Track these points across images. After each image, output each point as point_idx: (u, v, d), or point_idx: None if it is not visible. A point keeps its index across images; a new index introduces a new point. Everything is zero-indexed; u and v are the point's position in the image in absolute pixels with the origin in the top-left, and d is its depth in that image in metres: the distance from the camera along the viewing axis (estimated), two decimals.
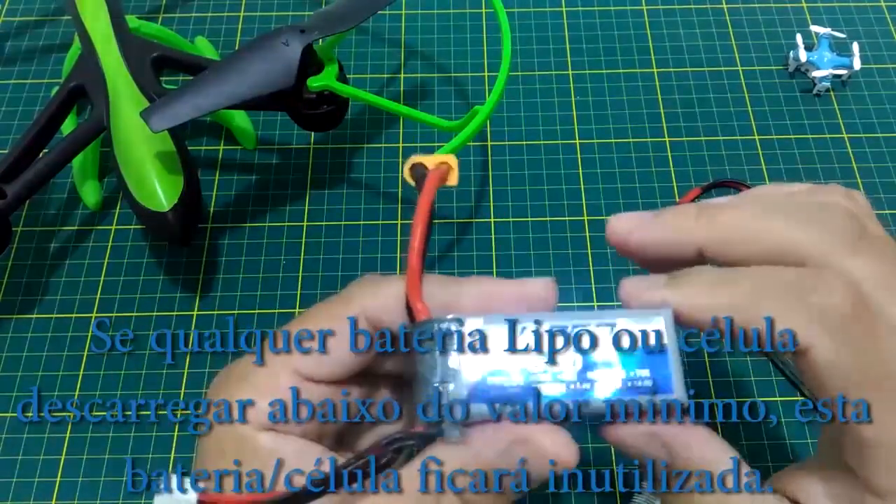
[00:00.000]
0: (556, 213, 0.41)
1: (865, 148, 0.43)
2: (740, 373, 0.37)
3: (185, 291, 0.39)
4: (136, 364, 0.37)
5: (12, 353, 0.38)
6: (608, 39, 0.47)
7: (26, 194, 0.36)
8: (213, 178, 0.43)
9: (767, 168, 0.43)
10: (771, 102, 0.45)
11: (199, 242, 0.40)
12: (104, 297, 0.39)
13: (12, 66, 0.46)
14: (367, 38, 0.47)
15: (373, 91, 0.42)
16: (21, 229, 0.41)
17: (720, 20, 0.48)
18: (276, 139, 0.44)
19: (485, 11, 0.48)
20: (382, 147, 0.44)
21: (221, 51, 0.47)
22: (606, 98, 0.45)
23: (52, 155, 0.36)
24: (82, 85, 0.38)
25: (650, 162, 0.43)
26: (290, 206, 0.42)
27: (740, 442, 0.35)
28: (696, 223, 0.22)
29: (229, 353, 0.37)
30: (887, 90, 0.45)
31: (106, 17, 0.39)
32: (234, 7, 0.49)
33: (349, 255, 0.40)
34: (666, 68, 0.46)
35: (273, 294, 0.39)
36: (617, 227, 0.23)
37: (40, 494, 0.34)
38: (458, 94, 0.45)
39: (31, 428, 0.36)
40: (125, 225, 0.41)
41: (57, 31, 0.48)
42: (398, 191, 0.42)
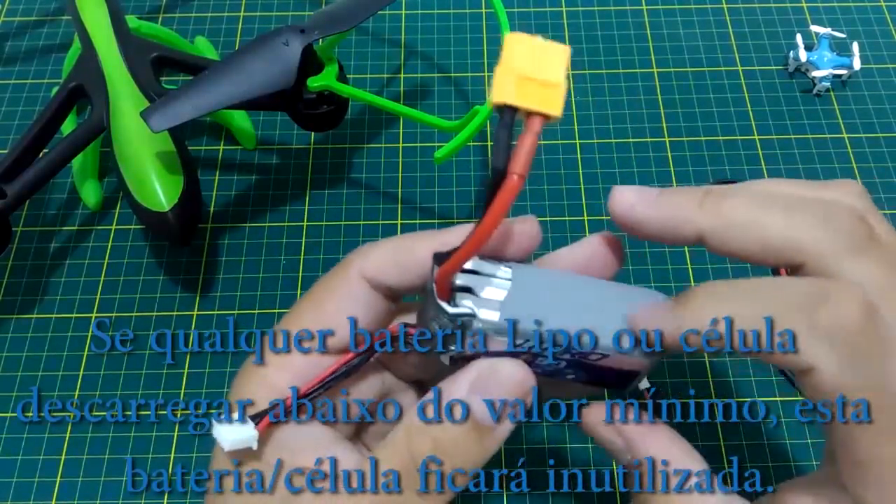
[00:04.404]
0: (556, 213, 0.41)
1: (865, 148, 0.43)
2: (740, 373, 0.37)
3: (185, 291, 0.39)
4: (136, 364, 0.37)
5: (12, 353, 0.38)
6: (608, 39, 0.47)
7: (26, 194, 0.36)
8: (213, 178, 0.43)
9: (767, 168, 0.43)
10: (771, 102, 0.45)
11: (199, 242, 0.40)
12: (104, 297, 0.39)
13: (12, 66, 0.46)
14: (367, 38, 0.47)
15: (373, 91, 0.42)
16: (21, 229, 0.41)
17: (720, 20, 0.48)
18: (276, 139, 0.44)
19: (485, 11, 0.48)
20: (382, 147, 0.44)
21: (221, 51, 0.47)
22: (606, 98, 0.45)
23: (52, 155, 0.36)
24: (82, 85, 0.38)
25: (650, 162, 0.43)
26: (290, 206, 0.42)
27: (740, 442, 0.35)
28: (700, 209, 0.21)
29: (229, 353, 0.37)
30: (887, 90, 0.45)
31: (106, 17, 0.39)
32: (234, 7, 0.49)
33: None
34: (666, 68, 0.46)
35: (273, 294, 0.39)
36: (620, 199, 0.22)
37: (40, 494, 0.34)
38: (458, 94, 0.45)
39: (31, 428, 0.36)
40: (125, 225, 0.41)
41: (57, 31, 0.48)
42: (398, 191, 0.42)
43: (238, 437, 0.20)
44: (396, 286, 0.22)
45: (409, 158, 0.43)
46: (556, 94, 0.17)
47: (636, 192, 0.22)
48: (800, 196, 0.21)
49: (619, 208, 0.22)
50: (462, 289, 0.20)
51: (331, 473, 0.20)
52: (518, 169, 0.17)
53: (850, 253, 0.20)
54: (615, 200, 0.22)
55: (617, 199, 0.22)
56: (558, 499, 0.34)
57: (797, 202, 0.21)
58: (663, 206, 0.22)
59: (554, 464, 0.34)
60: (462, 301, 0.20)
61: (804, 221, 0.20)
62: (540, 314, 0.20)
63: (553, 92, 0.17)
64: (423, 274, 0.21)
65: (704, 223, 0.21)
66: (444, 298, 0.19)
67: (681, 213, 0.21)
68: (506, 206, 0.17)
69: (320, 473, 0.20)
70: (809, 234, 0.20)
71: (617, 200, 0.22)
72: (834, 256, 0.20)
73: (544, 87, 0.17)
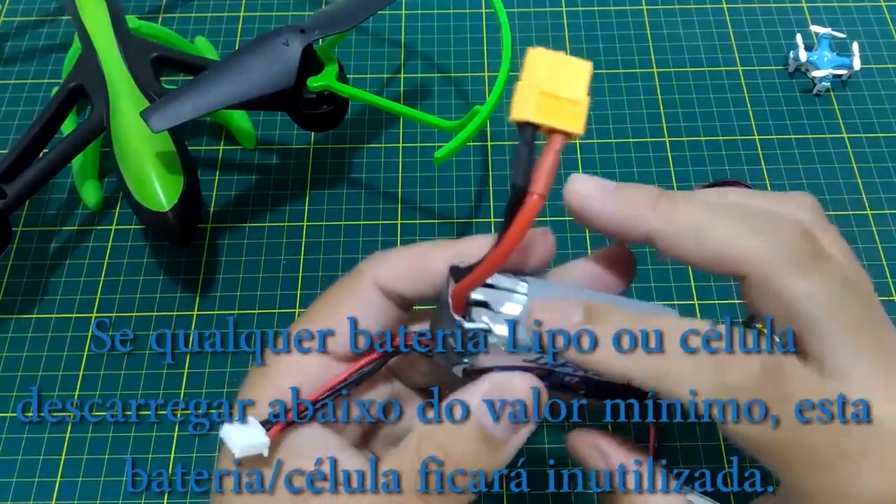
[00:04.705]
0: (557, 213, 0.41)
1: (865, 148, 0.43)
2: None
3: (185, 291, 0.39)
4: (136, 364, 0.37)
5: (12, 353, 0.38)
6: (608, 39, 0.47)
7: (26, 194, 0.36)
8: (213, 178, 0.43)
9: (767, 168, 0.43)
10: (771, 102, 0.45)
11: (199, 242, 0.40)
12: (104, 297, 0.39)
13: (12, 66, 0.46)
14: (367, 38, 0.47)
15: (373, 91, 0.42)
16: (21, 229, 0.41)
17: (720, 20, 0.48)
18: (276, 139, 0.44)
19: (485, 11, 0.48)
20: (382, 147, 0.44)
21: (221, 51, 0.46)
22: (607, 98, 0.45)
23: (52, 155, 0.36)
24: (82, 85, 0.38)
25: (650, 162, 0.43)
26: (290, 206, 0.42)
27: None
28: (653, 212, 0.21)
29: (229, 353, 0.37)
30: (887, 90, 0.45)
31: (106, 17, 0.39)
32: (234, 7, 0.49)
33: (349, 255, 0.40)
34: (666, 68, 0.46)
35: (273, 294, 0.39)
36: (576, 188, 0.22)
37: (40, 494, 0.34)
38: (458, 94, 0.45)
39: (31, 428, 0.36)
40: (125, 225, 0.41)
41: (57, 31, 0.48)
42: (398, 191, 0.42)
43: (249, 442, 0.20)
44: (410, 295, 0.22)
45: (409, 158, 0.43)
46: (578, 111, 0.17)
47: (593, 184, 0.22)
48: (750, 207, 0.21)
49: (573, 198, 0.22)
50: (478, 303, 0.20)
51: (331, 474, 0.20)
52: (539, 189, 0.17)
53: (794, 268, 0.20)
54: (571, 189, 0.22)
55: (573, 187, 0.22)
56: (558, 499, 0.34)
57: (746, 213, 0.21)
58: (618, 201, 0.21)
59: (554, 464, 0.34)
60: (478, 316, 0.19)
61: (750, 233, 0.20)
62: None
63: (575, 109, 0.17)
64: (437, 283, 0.21)
65: (655, 224, 0.21)
66: (460, 313, 0.19)
67: (634, 211, 0.21)
68: (526, 227, 0.17)
69: (320, 474, 0.20)
70: (753, 246, 0.20)
71: (572, 189, 0.22)
72: (777, 270, 0.20)
73: (566, 103, 0.17)
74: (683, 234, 0.21)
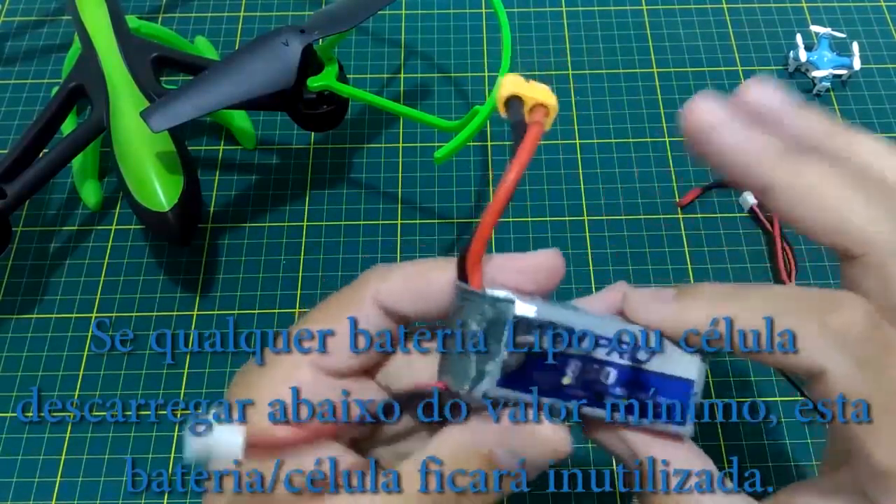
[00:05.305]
0: (556, 213, 0.41)
1: None
2: (740, 373, 0.37)
3: (185, 291, 0.39)
4: (136, 364, 0.37)
5: (12, 353, 0.38)
6: (608, 39, 0.47)
7: (26, 194, 0.36)
8: (213, 178, 0.43)
9: None
10: None
11: (199, 242, 0.40)
12: (104, 297, 0.39)
13: (12, 66, 0.46)
14: (367, 38, 0.47)
15: (373, 91, 0.42)
16: (21, 229, 0.41)
17: (720, 20, 0.48)
18: (276, 139, 0.44)
19: (485, 11, 0.48)
20: (382, 147, 0.44)
21: (221, 51, 0.47)
22: (606, 98, 0.45)
23: (52, 155, 0.36)
24: (82, 85, 0.38)
25: (650, 162, 0.43)
26: (290, 206, 0.42)
27: (740, 442, 0.35)
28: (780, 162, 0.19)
29: (229, 353, 0.37)
30: (887, 90, 0.45)
31: (106, 17, 0.39)
32: (234, 7, 0.49)
33: (349, 255, 0.40)
34: (666, 68, 0.46)
35: (273, 294, 0.39)
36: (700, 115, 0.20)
37: (40, 494, 0.34)
38: (458, 94, 0.45)
39: (31, 428, 0.36)
40: (125, 225, 0.41)
41: (57, 31, 0.48)
42: (398, 191, 0.42)
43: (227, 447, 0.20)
44: (411, 314, 0.22)
45: (409, 158, 0.43)
46: (551, 101, 0.19)
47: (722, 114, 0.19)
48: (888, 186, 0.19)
49: (695, 125, 0.20)
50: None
51: (331, 474, 0.20)
52: (537, 117, 0.18)
53: None
54: (694, 113, 0.19)
55: (696, 112, 0.19)
56: (558, 499, 0.34)
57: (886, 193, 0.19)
58: (746, 140, 0.19)
59: (554, 464, 0.34)
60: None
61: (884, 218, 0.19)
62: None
63: (548, 98, 0.19)
64: (439, 301, 0.21)
65: (780, 179, 0.19)
66: (477, 286, 0.19)
67: (759, 156, 0.19)
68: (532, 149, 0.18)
69: (320, 474, 0.20)
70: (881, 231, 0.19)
71: (696, 115, 0.19)
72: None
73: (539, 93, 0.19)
74: (807, 198, 0.19)
